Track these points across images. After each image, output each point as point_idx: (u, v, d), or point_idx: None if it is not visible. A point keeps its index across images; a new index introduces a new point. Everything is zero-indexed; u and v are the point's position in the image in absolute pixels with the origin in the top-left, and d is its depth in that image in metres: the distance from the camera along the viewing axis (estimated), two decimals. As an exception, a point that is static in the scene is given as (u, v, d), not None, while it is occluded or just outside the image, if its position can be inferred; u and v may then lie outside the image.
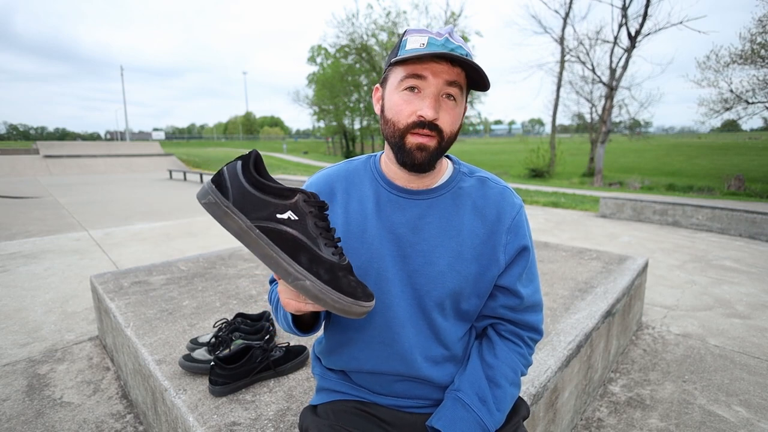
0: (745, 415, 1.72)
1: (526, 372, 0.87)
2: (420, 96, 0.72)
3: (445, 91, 0.71)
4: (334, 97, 32.44)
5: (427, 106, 0.70)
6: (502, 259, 0.81)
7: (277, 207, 0.59)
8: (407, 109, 0.72)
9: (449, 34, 0.71)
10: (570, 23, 20.47)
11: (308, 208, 0.60)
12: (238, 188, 0.58)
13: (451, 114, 0.73)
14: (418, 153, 0.73)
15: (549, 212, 7.21)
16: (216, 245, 4.53)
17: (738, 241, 5.03)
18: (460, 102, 0.75)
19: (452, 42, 0.70)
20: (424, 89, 0.71)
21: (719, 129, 33.02)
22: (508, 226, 0.81)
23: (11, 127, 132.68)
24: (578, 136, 32.59)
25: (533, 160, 21.02)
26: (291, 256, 0.56)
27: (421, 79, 0.71)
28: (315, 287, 0.55)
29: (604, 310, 1.81)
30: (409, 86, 0.72)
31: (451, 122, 0.74)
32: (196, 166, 18.78)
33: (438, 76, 0.70)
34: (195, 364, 1.26)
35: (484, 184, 0.85)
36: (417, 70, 0.70)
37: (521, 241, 0.82)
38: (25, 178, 14.05)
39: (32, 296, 2.98)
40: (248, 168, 0.60)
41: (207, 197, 0.58)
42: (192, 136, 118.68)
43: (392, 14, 26.18)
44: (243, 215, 0.57)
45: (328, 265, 0.58)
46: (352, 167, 0.88)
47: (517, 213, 0.83)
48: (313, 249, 0.58)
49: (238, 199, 0.58)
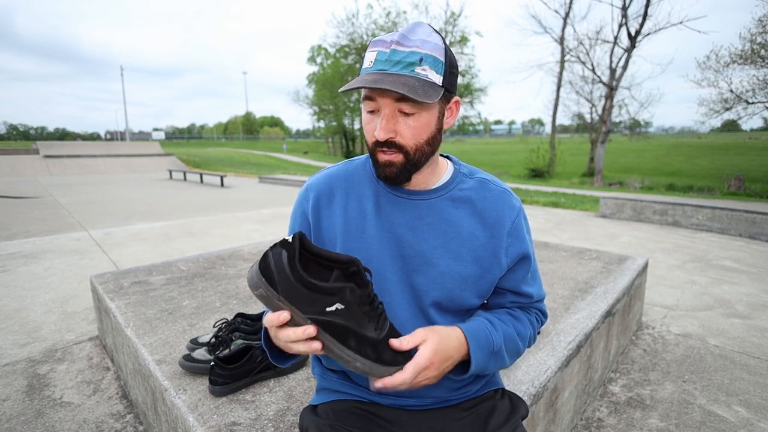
0: (745, 415, 1.72)
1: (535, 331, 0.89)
2: (378, 116, 0.74)
3: (398, 108, 0.71)
4: (334, 97, 32.43)
5: (379, 127, 0.72)
6: (505, 262, 0.82)
7: (326, 302, 0.62)
8: (369, 130, 0.75)
9: (397, 42, 0.69)
10: (570, 23, 20.50)
11: (354, 298, 0.63)
12: (287, 282, 0.60)
13: (412, 127, 0.73)
14: (387, 169, 0.76)
15: (549, 212, 7.21)
16: (216, 245, 4.53)
17: (738, 241, 5.02)
18: (424, 111, 0.72)
19: (400, 50, 0.68)
20: (380, 109, 0.73)
21: (719, 129, 33.03)
22: (508, 230, 0.82)
23: (11, 127, 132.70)
24: (578, 136, 32.60)
25: (533, 160, 21.03)
26: (341, 341, 0.62)
27: (374, 101, 0.72)
28: (365, 366, 0.63)
29: (604, 310, 1.81)
30: (369, 109, 0.74)
31: (413, 135, 0.73)
32: (196, 166, 18.77)
33: (386, 97, 0.70)
34: (195, 364, 1.26)
35: (484, 186, 0.85)
36: (367, 93, 0.72)
37: (523, 245, 0.84)
38: (25, 178, 14.05)
39: (32, 296, 2.98)
40: (294, 263, 0.61)
41: (259, 289, 0.61)
42: (192, 136, 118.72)
43: (392, 14, 26.21)
44: (295, 308, 0.61)
45: (373, 343, 0.64)
46: (351, 167, 0.89)
47: (517, 216, 0.84)
48: (359, 332, 0.63)
49: (287, 292, 0.60)
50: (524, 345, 0.85)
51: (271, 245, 0.63)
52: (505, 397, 0.92)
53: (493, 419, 0.85)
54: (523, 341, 0.85)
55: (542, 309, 0.92)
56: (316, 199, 0.86)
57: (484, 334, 0.78)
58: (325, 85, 32.01)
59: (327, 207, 0.85)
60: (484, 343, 0.77)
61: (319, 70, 34.07)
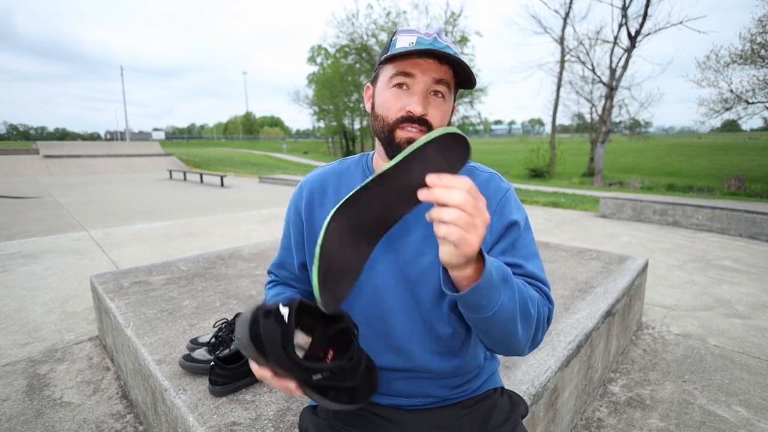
0: (745, 415, 1.72)
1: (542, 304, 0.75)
2: (409, 92, 0.74)
3: (433, 88, 0.73)
4: (334, 97, 32.41)
5: (416, 101, 0.72)
6: (489, 239, 0.80)
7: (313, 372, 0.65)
8: (396, 105, 0.74)
9: (437, 34, 0.73)
10: (570, 23, 20.49)
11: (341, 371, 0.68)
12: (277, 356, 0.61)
13: (440, 110, 0.75)
14: (407, 147, 0.74)
15: (549, 212, 7.20)
16: (216, 245, 4.53)
17: (738, 241, 5.02)
18: (448, 99, 0.76)
19: (440, 42, 0.72)
20: (412, 86, 0.73)
21: (719, 129, 33.03)
22: (493, 209, 0.81)
23: (11, 127, 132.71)
24: (578, 136, 32.56)
25: (533, 160, 21.03)
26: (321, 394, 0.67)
27: (410, 77, 0.73)
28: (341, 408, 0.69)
29: (604, 310, 1.81)
30: (398, 83, 0.74)
31: (441, 118, 0.75)
32: (196, 166, 18.77)
33: (426, 74, 0.72)
34: (195, 364, 1.26)
35: (470, 173, 0.85)
36: (406, 67, 0.73)
37: (507, 218, 0.80)
38: (25, 178, 14.05)
39: (32, 296, 2.98)
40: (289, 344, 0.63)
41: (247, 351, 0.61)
42: (192, 136, 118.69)
43: (392, 14, 26.16)
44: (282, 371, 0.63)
45: (350, 390, 0.70)
46: (344, 166, 0.90)
47: (503, 196, 0.82)
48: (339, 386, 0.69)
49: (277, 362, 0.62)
50: (535, 310, 0.71)
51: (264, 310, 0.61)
52: (505, 396, 0.92)
53: (492, 418, 0.85)
54: (533, 304, 0.71)
55: (545, 291, 0.79)
56: (309, 197, 0.88)
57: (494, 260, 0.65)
58: (325, 85, 31.97)
59: (320, 204, 0.86)
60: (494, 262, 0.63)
61: (319, 70, 34.03)
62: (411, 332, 0.81)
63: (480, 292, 0.60)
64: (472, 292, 0.60)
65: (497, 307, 0.62)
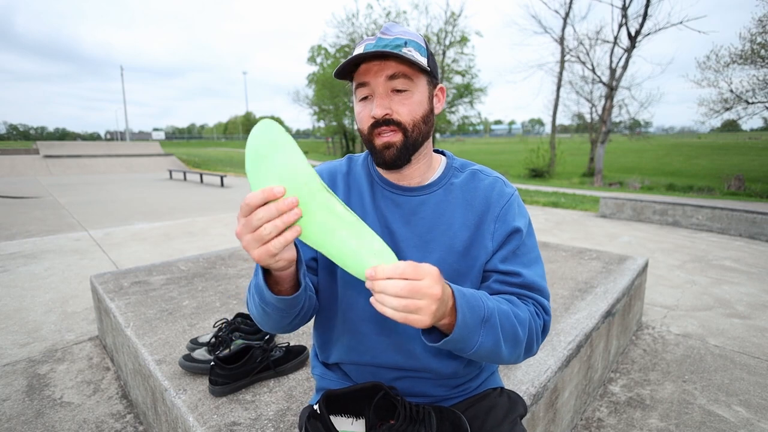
0: (745, 415, 1.72)
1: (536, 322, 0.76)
2: (371, 101, 0.75)
3: (390, 86, 0.73)
4: (334, 97, 32.40)
5: (375, 106, 0.73)
6: (491, 246, 0.80)
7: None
8: (365, 115, 0.76)
9: (383, 32, 0.74)
10: (570, 23, 20.50)
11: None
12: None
13: (407, 104, 0.74)
14: (386, 152, 0.76)
15: (549, 212, 7.21)
16: (216, 245, 4.53)
17: (738, 241, 5.02)
18: (415, 90, 0.75)
19: (384, 38, 0.72)
20: (373, 93, 0.74)
21: (719, 129, 33.03)
22: (496, 215, 0.81)
23: (11, 127, 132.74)
24: (578, 136, 32.60)
25: (533, 160, 21.03)
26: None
27: (366, 86, 0.75)
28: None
29: (604, 310, 1.81)
30: (362, 96, 0.76)
31: (409, 111, 0.75)
32: (196, 166, 18.77)
33: (377, 75, 0.73)
34: (195, 364, 1.26)
35: (474, 176, 0.85)
36: (360, 77, 0.74)
37: (510, 224, 0.80)
38: (25, 178, 14.04)
39: (32, 296, 2.98)
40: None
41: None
42: (192, 136, 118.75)
43: (392, 14, 26.17)
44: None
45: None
46: (353, 163, 0.91)
47: (507, 202, 0.82)
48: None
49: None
50: (524, 332, 0.72)
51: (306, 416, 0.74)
52: (504, 395, 0.92)
53: (491, 417, 0.85)
54: (522, 326, 0.72)
55: (541, 302, 0.79)
56: None
57: (472, 295, 0.67)
58: (325, 85, 31.96)
59: None
60: (472, 302, 0.65)
61: (319, 70, 34.01)
62: (414, 333, 0.82)
63: (453, 341, 0.64)
64: (446, 343, 0.64)
65: (477, 347, 0.66)
